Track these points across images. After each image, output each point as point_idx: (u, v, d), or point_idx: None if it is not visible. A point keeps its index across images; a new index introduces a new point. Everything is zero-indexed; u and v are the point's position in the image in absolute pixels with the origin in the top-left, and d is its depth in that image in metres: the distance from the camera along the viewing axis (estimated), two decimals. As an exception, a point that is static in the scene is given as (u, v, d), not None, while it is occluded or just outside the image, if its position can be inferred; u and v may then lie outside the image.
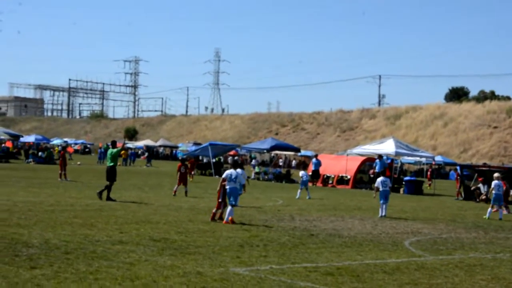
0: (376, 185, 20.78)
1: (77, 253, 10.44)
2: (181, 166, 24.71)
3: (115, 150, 21.29)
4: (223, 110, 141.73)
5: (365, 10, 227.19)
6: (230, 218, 15.72)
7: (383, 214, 19.80)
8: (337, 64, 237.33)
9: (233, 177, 16.28)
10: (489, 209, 21.68)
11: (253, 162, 55.74)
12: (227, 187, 16.20)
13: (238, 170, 17.20)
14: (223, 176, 16.56)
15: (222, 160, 54.62)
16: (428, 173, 48.29)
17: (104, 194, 20.24)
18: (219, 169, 44.30)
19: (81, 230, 13.02)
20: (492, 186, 22.02)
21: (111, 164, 20.82)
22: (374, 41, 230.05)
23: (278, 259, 11.06)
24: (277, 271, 10.01)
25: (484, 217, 21.32)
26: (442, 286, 9.55)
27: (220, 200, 16.33)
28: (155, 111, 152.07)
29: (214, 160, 45.63)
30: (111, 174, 20.52)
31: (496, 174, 22.83)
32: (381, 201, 20.01)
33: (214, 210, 16.35)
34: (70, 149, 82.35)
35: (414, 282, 9.71)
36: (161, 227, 14.26)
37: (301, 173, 27.84)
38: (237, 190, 16.60)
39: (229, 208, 15.96)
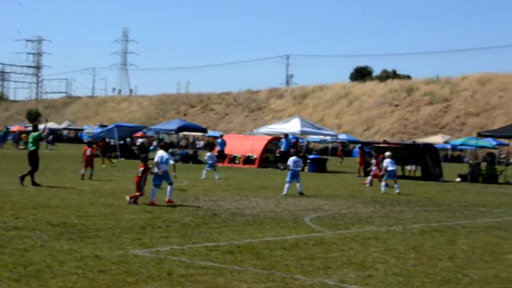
0: (288, 163, 20.98)
1: (-33, 241, 10.05)
2: (87, 149, 24.18)
3: (36, 133, 20.56)
4: (131, 91, 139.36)
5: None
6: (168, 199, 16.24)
7: (285, 193, 20.02)
8: (245, 45, 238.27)
9: (164, 159, 16.31)
10: (383, 183, 22.62)
11: (154, 143, 54.93)
12: (161, 170, 16.16)
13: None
14: (156, 159, 16.41)
15: (129, 142, 53.79)
16: (339, 151, 49.73)
17: (28, 179, 19.60)
18: (126, 151, 43.65)
19: (-26, 217, 12.52)
20: (385, 163, 23.01)
21: (33, 148, 20.13)
22: (281, 21, 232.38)
23: (180, 240, 11.07)
24: (177, 251, 10.03)
25: (381, 192, 22.17)
26: (337, 259, 9.88)
27: (140, 187, 16.08)
28: (60, 92, 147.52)
29: (121, 142, 44.86)
30: (33, 159, 19.89)
31: (387, 153, 23.92)
32: (287, 180, 20.30)
33: (136, 195, 16.06)
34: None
35: (311, 257, 9.99)
36: (60, 212, 13.93)
37: (207, 155, 27.88)
38: (168, 172, 16.60)
39: (169, 187, 16.30)
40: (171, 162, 16.96)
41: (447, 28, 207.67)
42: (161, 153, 16.60)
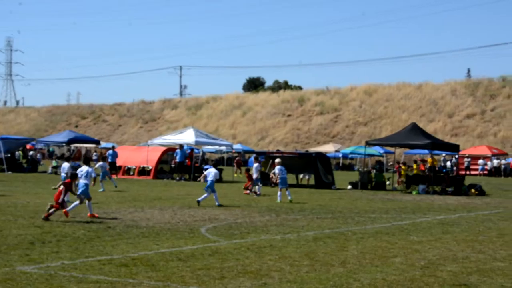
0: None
1: None
2: None
3: None
4: (17, 102, 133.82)
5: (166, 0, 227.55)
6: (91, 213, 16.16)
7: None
8: (138, 55, 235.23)
9: (83, 173, 16.41)
10: (279, 192, 23.00)
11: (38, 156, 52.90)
12: (83, 182, 16.23)
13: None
14: (78, 173, 16.49)
15: (19, 155, 51.48)
16: (235, 161, 50.19)
17: None
18: (13, 164, 41.82)
19: None
20: (277, 171, 23.45)
21: None
22: (175, 31, 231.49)
23: (71, 254, 10.73)
24: (68, 266, 9.71)
25: (277, 201, 22.52)
26: (233, 269, 9.92)
27: (60, 201, 15.49)
28: None
29: (8, 155, 42.88)
30: None
31: (277, 160, 24.45)
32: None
33: (52, 211, 15.37)
34: None
35: (207, 267, 9.97)
36: None
37: (99, 164, 27.30)
38: (88, 187, 16.58)
39: (88, 202, 16.29)
40: (93, 175, 16.94)
41: (334, 41, 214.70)
42: (82, 168, 16.77)
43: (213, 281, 9.00)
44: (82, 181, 16.33)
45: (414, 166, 36.59)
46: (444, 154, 56.29)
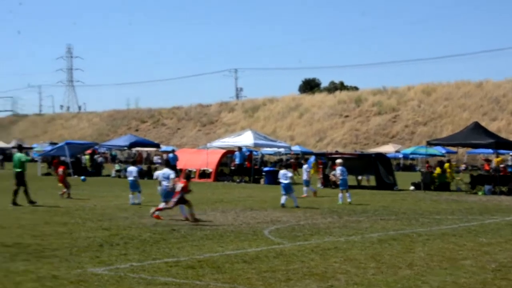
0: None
1: None
2: (61, 168, 24.11)
3: (21, 155, 20.27)
4: (79, 108, 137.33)
5: (220, 2, 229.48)
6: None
7: (296, 204, 20.81)
8: (194, 59, 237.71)
9: (165, 175, 17.06)
10: (340, 194, 22.81)
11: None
12: (165, 185, 16.97)
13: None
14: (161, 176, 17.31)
15: (85, 159, 52.76)
16: (293, 163, 49.94)
17: (28, 198, 19.81)
18: (78, 168, 42.91)
19: None
20: (339, 171, 23.22)
21: (18, 169, 19.89)
22: (229, 35, 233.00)
23: (139, 256, 10.93)
24: (137, 268, 9.89)
25: (338, 203, 22.36)
26: (298, 271, 9.89)
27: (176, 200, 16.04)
28: (6, 111, 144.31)
29: (72, 160, 44.06)
30: (20, 179, 19.86)
31: (338, 160, 24.14)
32: (283, 192, 20.98)
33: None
34: None
35: (272, 269, 9.98)
36: (14, 232, 13.59)
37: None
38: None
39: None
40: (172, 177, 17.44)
41: (390, 40, 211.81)
42: (163, 170, 17.40)
43: (279, 283, 9.00)
44: (166, 184, 16.76)
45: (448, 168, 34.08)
46: (511, 154, 54.75)
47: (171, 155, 37.63)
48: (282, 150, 54.54)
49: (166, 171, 17.26)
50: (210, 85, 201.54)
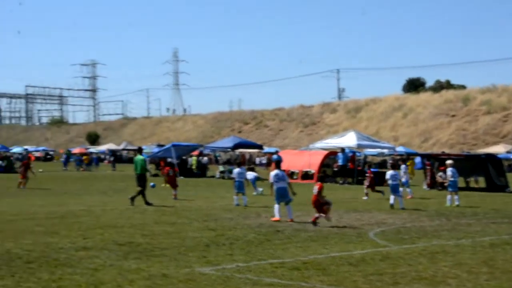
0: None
1: (39, 261, 10.28)
2: (169, 169, 24.73)
3: (141, 158, 21.15)
4: (185, 110, 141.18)
5: (319, 3, 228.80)
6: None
7: (401, 206, 20.50)
8: (295, 60, 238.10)
9: (280, 176, 17.00)
10: (448, 196, 22.07)
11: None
12: (277, 186, 16.85)
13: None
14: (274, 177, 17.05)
15: (191, 161, 54.15)
16: (400, 162, 48.79)
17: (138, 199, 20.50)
18: (184, 170, 44.07)
19: (44, 238, 12.82)
20: (450, 173, 22.44)
21: (140, 172, 20.71)
22: (331, 35, 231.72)
23: (244, 257, 11.06)
24: (243, 268, 10.01)
25: (446, 205, 21.67)
26: (406, 275, 9.67)
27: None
28: (116, 114, 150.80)
29: (178, 161, 45.34)
30: (141, 181, 20.58)
31: (449, 161, 23.34)
32: (391, 194, 20.98)
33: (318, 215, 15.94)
34: (31, 157, 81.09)
35: (379, 272, 9.81)
36: (126, 231, 14.14)
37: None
38: (286, 189, 17.10)
39: (289, 207, 16.77)
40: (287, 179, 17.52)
41: (498, 36, 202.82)
42: (275, 172, 17.23)
43: (386, 287, 8.83)
44: (279, 185, 16.84)
45: None
46: None
47: (275, 156, 37.88)
48: (385, 151, 53.51)
49: (279, 172, 17.26)
50: (312, 86, 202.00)
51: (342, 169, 36.40)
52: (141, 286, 8.64)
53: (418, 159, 54.75)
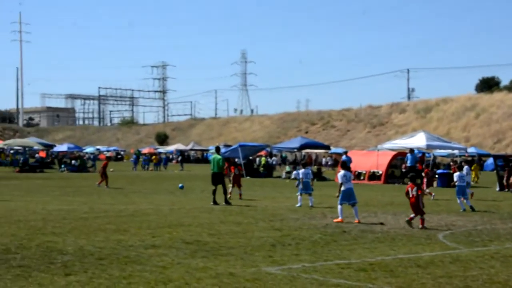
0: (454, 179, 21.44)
1: (110, 258, 10.56)
2: (235, 168, 24.60)
3: (218, 157, 21.40)
4: (252, 111, 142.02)
5: (389, 3, 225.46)
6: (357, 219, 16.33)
7: (463, 208, 19.88)
8: (364, 60, 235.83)
9: (347, 177, 16.83)
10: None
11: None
12: (345, 187, 16.60)
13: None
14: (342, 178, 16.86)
15: (259, 161, 54.45)
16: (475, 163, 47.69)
17: (224, 199, 20.95)
18: (250, 170, 44.33)
19: (115, 236, 13.16)
20: None
21: (217, 171, 21.03)
22: (401, 34, 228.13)
23: (310, 257, 11.04)
24: (309, 269, 9.99)
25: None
26: (478, 278, 9.42)
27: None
28: (185, 115, 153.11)
29: (244, 161, 45.66)
30: (217, 179, 20.92)
31: None
32: (457, 196, 20.30)
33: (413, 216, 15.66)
34: (102, 157, 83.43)
35: (448, 275, 9.60)
36: (193, 230, 14.35)
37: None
38: (352, 190, 16.97)
39: (354, 208, 16.61)
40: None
41: None
42: (343, 172, 17.05)
43: (456, 290, 8.64)
44: (347, 186, 16.72)
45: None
46: None
47: (344, 157, 37.62)
48: (456, 152, 52.23)
49: (347, 173, 17.13)
50: (381, 86, 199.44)
51: (410, 170, 35.67)
52: (208, 284, 8.75)
53: (490, 160, 53.28)
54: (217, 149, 22.45)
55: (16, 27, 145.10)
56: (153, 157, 63.14)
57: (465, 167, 25.91)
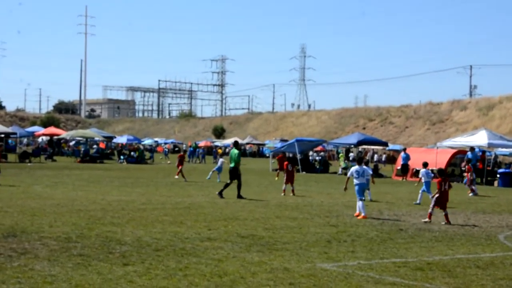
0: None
1: (167, 250, 10.72)
2: (288, 164, 24.15)
3: (236, 152, 21.40)
4: (309, 106, 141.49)
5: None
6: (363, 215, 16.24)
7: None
8: (425, 56, 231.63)
9: (360, 173, 16.76)
10: None
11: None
12: (357, 182, 16.62)
13: (364, 166, 17.41)
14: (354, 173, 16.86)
15: (312, 156, 54.25)
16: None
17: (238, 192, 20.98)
18: (306, 165, 44.19)
19: (171, 228, 13.35)
20: None
21: (232, 165, 21.13)
22: (464, 30, 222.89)
23: (366, 255, 10.94)
24: (365, 266, 9.90)
25: None
26: (540, 282, 9.14)
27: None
28: (242, 109, 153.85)
29: (301, 156, 45.54)
30: (233, 174, 20.99)
31: None
32: None
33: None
34: (160, 149, 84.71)
35: (510, 277, 9.36)
36: (249, 224, 14.41)
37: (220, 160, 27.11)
38: (365, 185, 17.05)
39: (360, 203, 16.46)
40: (370, 172, 17.16)
41: None
42: (356, 167, 16.98)
43: (517, 294, 8.40)
44: (358, 180, 16.63)
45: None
46: None
47: (403, 154, 37.12)
48: (519, 150, 50.76)
49: (360, 168, 16.83)
50: (442, 82, 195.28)
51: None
52: (263, 278, 8.77)
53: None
54: (235, 144, 22.24)
55: (82, 20, 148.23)
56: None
57: None
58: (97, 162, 50.04)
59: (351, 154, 48.68)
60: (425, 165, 21.93)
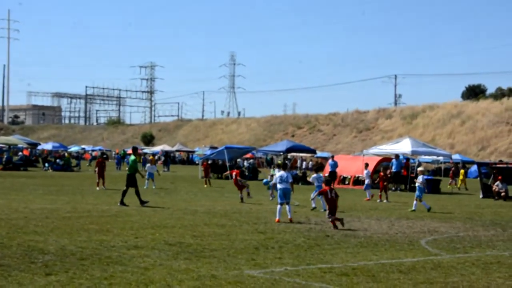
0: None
1: (92, 258, 10.50)
2: (233, 172, 24.73)
3: (133, 158, 21.25)
4: (239, 113, 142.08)
5: (378, 9, 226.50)
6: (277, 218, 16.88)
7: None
8: (352, 65, 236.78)
9: (284, 178, 17.26)
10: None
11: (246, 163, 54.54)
12: (280, 187, 17.20)
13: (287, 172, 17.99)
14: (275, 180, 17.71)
15: (242, 163, 54.40)
16: (450, 172, 47.73)
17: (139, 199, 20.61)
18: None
19: (97, 236, 13.08)
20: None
21: (129, 172, 20.97)
22: (389, 41, 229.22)
23: (293, 261, 11.04)
24: (291, 272, 9.99)
25: None
26: (458, 285, 9.46)
27: None
28: (172, 116, 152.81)
29: (230, 164, 45.59)
30: (130, 181, 20.71)
31: None
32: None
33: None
34: (87, 156, 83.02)
35: (429, 281, 9.64)
36: (177, 231, 14.30)
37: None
38: (289, 190, 17.42)
39: (279, 207, 17.05)
40: (290, 180, 17.45)
41: None
42: (281, 173, 17.61)
43: (437, 297, 8.67)
44: (282, 185, 17.19)
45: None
46: None
47: (331, 161, 37.71)
48: (441, 158, 52.54)
49: (283, 173, 17.48)
50: (368, 91, 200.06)
51: (395, 175, 35.90)
52: (190, 286, 8.72)
53: (474, 168, 53.59)
54: (134, 150, 22.11)
55: (4, 24, 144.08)
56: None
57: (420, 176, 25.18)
58: (21, 169, 48.51)
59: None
60: (317, 170, 22.57)
